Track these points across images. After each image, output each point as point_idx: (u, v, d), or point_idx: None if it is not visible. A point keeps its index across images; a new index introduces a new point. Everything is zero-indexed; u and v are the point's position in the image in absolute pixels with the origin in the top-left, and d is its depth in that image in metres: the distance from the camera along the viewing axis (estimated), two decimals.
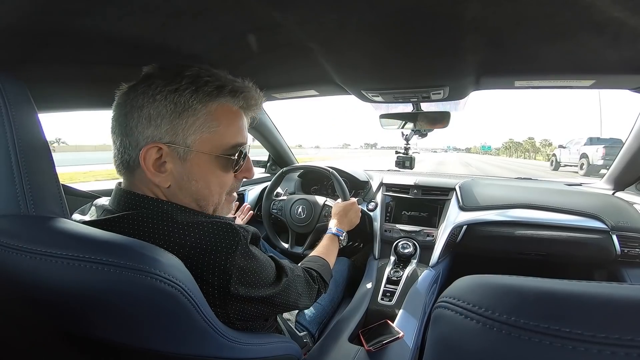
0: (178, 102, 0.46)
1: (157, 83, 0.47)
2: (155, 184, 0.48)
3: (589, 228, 1.06)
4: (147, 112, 0.46)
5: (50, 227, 0.39)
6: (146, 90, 0.47)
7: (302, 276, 0.61)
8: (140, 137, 0.47)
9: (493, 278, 0.23)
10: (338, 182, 1.16)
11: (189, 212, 0.49)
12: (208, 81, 0.48)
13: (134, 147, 0.47)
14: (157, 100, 0.46)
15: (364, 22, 0.56)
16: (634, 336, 0.17)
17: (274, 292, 0.50)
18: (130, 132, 0.47)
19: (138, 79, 0.50)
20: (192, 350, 0.39)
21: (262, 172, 1.74)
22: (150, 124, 0.46)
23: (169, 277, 0.35)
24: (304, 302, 0.60)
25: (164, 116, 0.46)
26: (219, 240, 0.43)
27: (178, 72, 0.48)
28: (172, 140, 0.47)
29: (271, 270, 0.52)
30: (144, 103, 0.46)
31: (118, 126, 0.48)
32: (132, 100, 0.47)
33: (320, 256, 0.79)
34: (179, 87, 0.46)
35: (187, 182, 0.49)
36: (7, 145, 0.40)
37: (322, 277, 0.69)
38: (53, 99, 0.80)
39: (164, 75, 0.48)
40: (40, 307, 0.39)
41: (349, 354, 0.78)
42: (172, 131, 0.47)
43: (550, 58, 0.72)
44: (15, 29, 0.50)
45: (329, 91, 1.08)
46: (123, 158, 0.49)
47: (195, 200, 0.51)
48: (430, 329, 0.26)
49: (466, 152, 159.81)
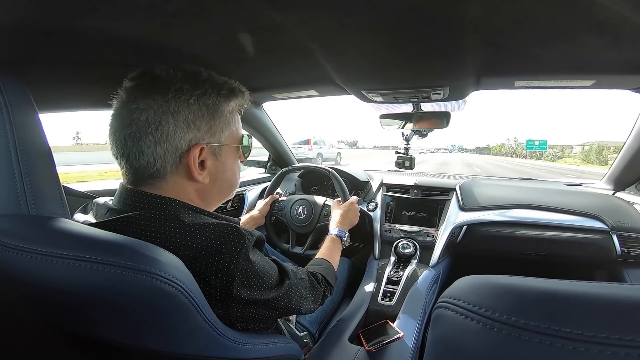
0: (209, 105, 0.50)
1: (185, 88, 0.48)
2: (193, 183, 0.51)
3: (589, 228, 1.06)
4: (183, 116, 0.47)
5: (51, 227, 0.39)
6: (178, 95, 0.47)
7: (306, 279, 0.61)
8: (181, 141, 0.47)
9: (493, 278, 0.23)
10: (338, 182, 1.16)
11: (196, 212, 0.49)
12: (222, 85, 0.52)
13: (172, 153, 0.47)
14: (192, 104, 0.48)
15: (364, 23, 0.56)
16: (634, 336, 0.17)
17: (276, 295, 0.50)
18: (167, 138, 0.46)
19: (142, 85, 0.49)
20: (192, 350, 0.39)
21: (262, 172, 1.73)
22: (190, 127, 0.48)
23: (169, 276, 0.35)
24: (307, 305, 0.60)
25: (201, 119, 0.49)
26: (224, 242, 0.44)
27: (195, 76, 0.50)
28: (210, 139, 0.51)
29: (274, 274, 0.52)
30: (179, 108, 0.47)
31: (147, 135, 0.46)
32: (162, 107, 0.46)
33: (324, 258, 0.79)
34: (206, 91, 0.50)
35: (221, 174, 0.54)
36: (7, 145, 0.40)
37: (327, 280, 0.69)
38: (53, 99, 0.80)
39: (187, 79, 0.49)
40: (41, 307, 0.39)
41: (349, 354, 0.78)
42: (210, 132, 0.51)
43: (550, 58, 0.72)
44: (15, 29, 0.50)
45: (329, 91, 1.08)
46: (156, 166, 0.47)
47: (225, 189, 0.57)
48: (430, 329, 0.26)
49: (476, 152, 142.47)
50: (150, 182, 0.48)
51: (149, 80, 0.48)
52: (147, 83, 0.48)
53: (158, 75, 0.48)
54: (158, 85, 0.47)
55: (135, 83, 0.49)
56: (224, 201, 0.59)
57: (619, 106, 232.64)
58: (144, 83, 0.48)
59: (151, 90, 0.47)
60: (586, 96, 71.55)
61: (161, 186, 0.49)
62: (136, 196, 0.48)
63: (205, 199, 0.54)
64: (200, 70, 0.51)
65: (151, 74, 0.49)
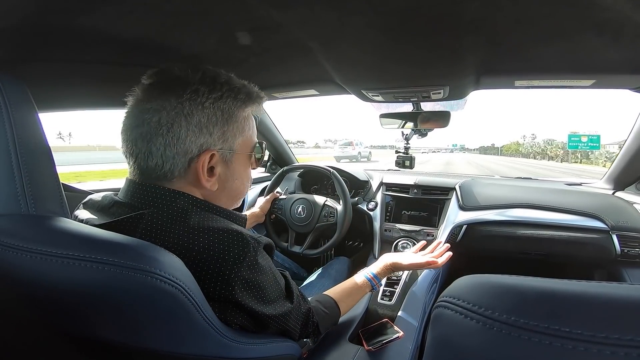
0: (224, 109, 0.48)
1: (202, 90, 0.46)
2: (200, 189, 0.49)
3: (589, 228, 1.06)
4: (197, 119, 0.46)
5: (51, 227, 0.39)
6: (194, 97, 0.46)
7: (303, 313, 0.57)
8: (192, 146, 0.46)
9: (493, 278, 0.23)
10: (338, 181, 1.16)
11: (205, 210, 0.48)
12: (240, 89, 0.50)
13: (181, 156, 0.46)
14: (207, 108, 0.47)
15: (363, 22, 0.56)
16: (633, 336, 0.17)
17: (272, 313, 0.48)
18: (178, 141, 0.45)
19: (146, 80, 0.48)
20: (192, 349, 0.39)
21: (262, 171, 1.74)
22: (202, 131, 0.47)
23: (168, 276, 0.35)
24: (293, 336, 0.56)
25: (215, 124, 0.48)
26: (227, 249, 0.43)
27: (214, 78, 0.48)
28: (222, 146, 0.49)
29: (277, 289, 0.50)
30: (193, 111, 0.46)
31: (157, 136, 0.45)
32: (176, 108, 0.45)
33: (335, 300, 0.71)
34: (222, 95, 0.48)
35: (230, 182, 0.52)
36: (7, 145, 0.40)
37: (318, 327, 0.63)
38: (53, 99, 0.80)
39: (205, 81, 0.47)
40: (40, 307, 0.39)
41: (348, 353, 0.78)
42: (222, 138, 0.49)
43: (550, 58, 0.72)
44: (15, 29, 0.50)
45: (329, 90, 1.08)
46: (164, 169, 0.46)
47: (233, 197, 0.55)
48: (430, 328, 0.26)
49: (479, 152, 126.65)
50: (156, 182, 0.48)
51: (165, 80, 0.47)
52: (163, 83, 0.47)
53: (176, 75, 0.47)
54: (174, 86, 0.46)
55: (152, 81, 0.48)
56: (233, 206, 0.57)
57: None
58: (160, 82, 0.47)
59: (166, 91, 0.46)
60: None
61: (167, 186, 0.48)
62: (144, 189, 0.47)
63: (226, 202, 0.53)
64: (220, 72, 0.49)
65: (169, 73, 0.48)
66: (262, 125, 1.44)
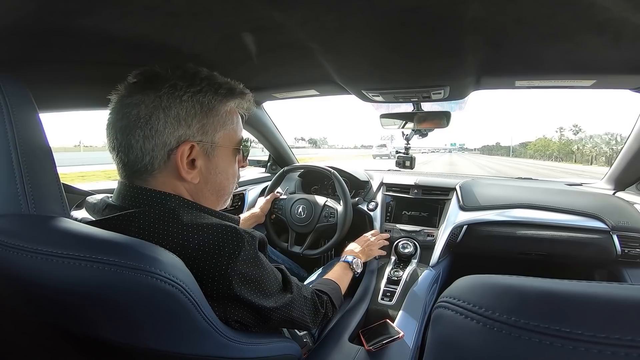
0: (203, 103, 0.49)
1: (180, 85, 0.47)
2: (182, 182, 0.50)
3: (589, 228, 1.06)
4: (175, 112, 0.47)
5: (51, 227, 0.39)
6: (171, 92, 0.47)
7: (309, 298, 0.60)
8: (170, 138, 0.47)
9: (493, 278, 0.23)
10: (338, 182, 1.16)
11: (196, 210, 0.49)
12: (221, 84, 0.51)
13: (160, 148, 0.47)
14: (185, 101, 0.48)
15: (364, 22, 0.56)
16: (634, 336, 0.17)
17: (273, 305, 0.49)
18: (157, 134, 0.46)
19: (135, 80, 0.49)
20: (192, 349, 0.39)
21: (262, 171, 1.73)
22: (181, 124, 0.48)
23: (168, 276, 0.35)
24: (304, 324, 0.58)
25: (194, 116, 0.48)
26: (222, 244, 0.43)
27: (194, 74, 0.49)
28: (202, 138, 0.50)
29: (275, 282, 0.51)
30: (171, 104, 0.47)
31: (136, 129, 0.46)
32: (154, 102, 0.46)
33: (332, 279, 0.79)
34: (202, 89, 0.49)
35: (213, 176, 0.53)
36: (7, 145, 0.40)
37: (332, 300, 0.68)
38: (53, 99, 0.80)
39: (184, 77, 0.48)
40: (41, 307, 0.39)
41: (349, 353, 0.78)
42: (202, 130, 0.50)
43: (550, 58, 0.72)
44: (15, 29, 0.50)
45: (330, 91, 1.08)
46: (144, 161, 0.47)
47: (217, 192, 0.55)
48: (430, 328, 0.26)
49: (481, 152, 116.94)
50: (140, 177, 0.49)
51: (146, 77, 0.49)
52: (144, 79, 0.48)
53: (157, 73, 0.49)
54: (153, 81, 0.48)
55: (135, 80, 0.49)
56: (220, 205, 0.57)
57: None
58: (142, 79, 0.49)
59: (146, 86, 0.47)
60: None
61: (151, 183, 0.49)
62: (133, 191, 0.48)
63: (198, 201, 0.52)
64: (201, 70, 0.51)
65: (151, 71, 0.49)
66: (262, 126, 1.44)
